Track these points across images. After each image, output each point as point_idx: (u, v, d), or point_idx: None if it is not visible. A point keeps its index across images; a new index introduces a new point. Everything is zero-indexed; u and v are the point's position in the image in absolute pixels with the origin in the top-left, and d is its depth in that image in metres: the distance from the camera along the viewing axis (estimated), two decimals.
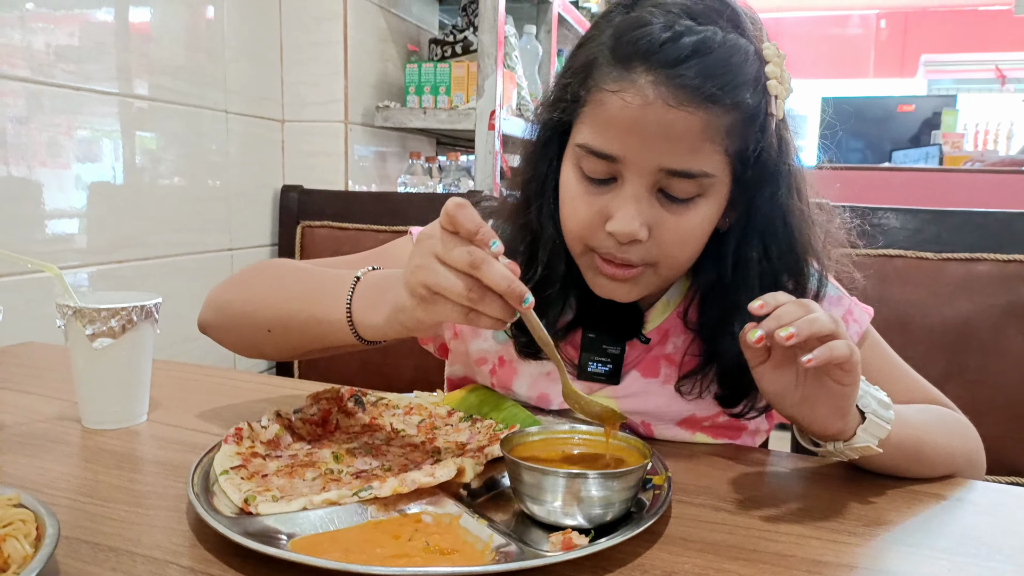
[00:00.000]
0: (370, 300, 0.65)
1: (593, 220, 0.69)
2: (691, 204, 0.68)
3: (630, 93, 0.64)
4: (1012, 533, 0.59)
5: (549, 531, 0.53)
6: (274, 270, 0.81)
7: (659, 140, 0.64)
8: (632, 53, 0.64)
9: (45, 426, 0.75)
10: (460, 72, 1.74)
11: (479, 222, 0.55)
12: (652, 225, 0.67)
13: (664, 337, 0.79)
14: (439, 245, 0.56)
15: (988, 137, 5.69)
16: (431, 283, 0.56)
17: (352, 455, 0.66)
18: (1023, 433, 1.24)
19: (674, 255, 0.70)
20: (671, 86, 0.63)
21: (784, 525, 0.58)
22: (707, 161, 0.66)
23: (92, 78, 1.20)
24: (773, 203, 0.70)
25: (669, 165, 0.65)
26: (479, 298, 0.55)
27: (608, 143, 0.66)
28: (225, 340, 0.83)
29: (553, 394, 0.80)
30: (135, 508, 0.57)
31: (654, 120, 0.64)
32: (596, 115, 0.67)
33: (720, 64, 0.64)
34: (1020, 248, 1.23)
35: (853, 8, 8.60)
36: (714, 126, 0.64)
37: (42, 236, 1.14)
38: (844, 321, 0.76)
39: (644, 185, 0.66)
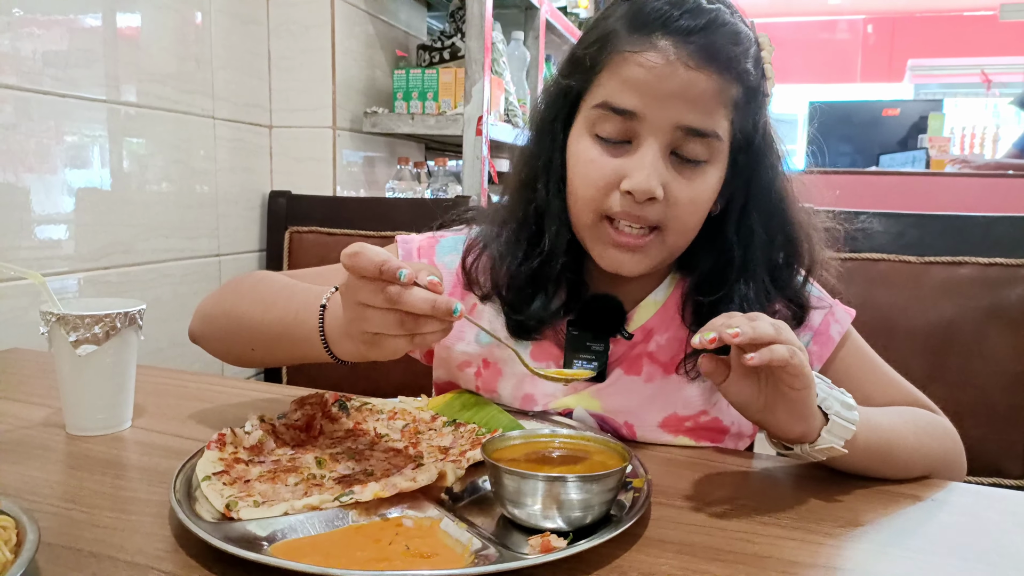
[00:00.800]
0: (340, 329, 0.65)
1: (609, 181, 0.71)
2: (701, 169, 0.71)
3: (651, 53, 0.68)
4: (985, 533, 0.60)
5: (529, 534, 0.54)
6: (258, 287, 0.80)
7: (678, 98, 0.68)
8: (651, 21, 0.69)
9: (30, 432, 0.75)
10: (448, 78, 1.74)
11: (377, 261, 0.55)
12: (666, 186, 0.70)
13: (648, 336, 0.80)
14: (357, 293, 0.58)
15: (974, 141, 5.74)
16: (368, 329, 0.58)
17: (335, 460, 0.66)
18: (1005, 434, 1.25)
19: (683, 219, 0.72)
20: (690, 49, 0.68)
21: (761, 527, 0.59)
22: (718, 124, 0.70)
23: (80, 85, 1.21)
24: (773, 178, 0.75)
25: (687, 122, 0.69)
26: (414, 324, 0.57)
27: (629, 99, 0.69)
28: (215, 352, 0.84)
29: (538, 395, 0.81)
30: (118, 514, 0.58)
31: (674, 78, 0.68)
32: (617, 74, 0.70)
33: (730, 37, 0.70)
34: (1001, 252, 1.25)
35: (840, 13, 8.67)
36: (725, 90, 0.70)
37: (29, 242, 1.14)
38: (825, 321, 0.80)
39: (660, 144, 0.70)
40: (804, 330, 0.79)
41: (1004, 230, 1.26)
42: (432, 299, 0.56)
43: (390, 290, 0.56)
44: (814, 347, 0.80)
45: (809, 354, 0.76)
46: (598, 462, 0.60)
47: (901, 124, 4.29)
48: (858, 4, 8.47)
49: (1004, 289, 1.25)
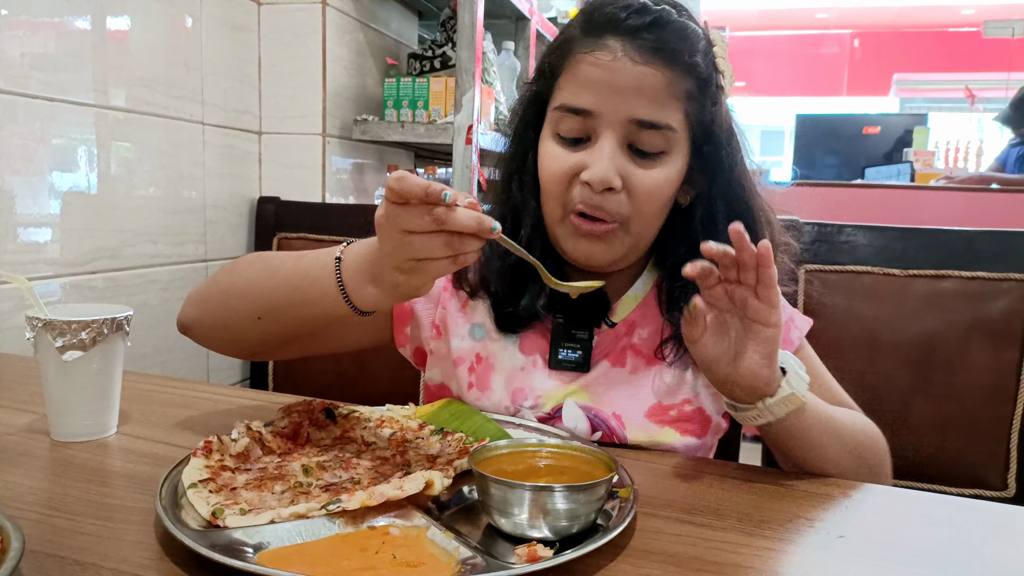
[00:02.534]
0: (361, 275, 0.67)
1: (569, 174, 0.75)
2: (658, 160, 0.75)
3: (601, 52, 0.73)
4: (965, 545, 0.61)
5: (516, 543, 0.54)
6: (255, 261, 0.82)
7: (628, 92, 0.73)
8: (601, 24, 0.74)
9: (14, 439, 0.74)
10: (438, 87, 1.75)
11: (423, 183, 0.57)
12: (624, 176, 0.74)
13: (631, 328, 0.84)
14: (401, 220, 0.59)
15: (959, 155, 5.81)
16: (413, 255, 0.60)
17: (322, 468, 0.66)
18: (987, 446, 1.27)
19: (644, 209, 0.76)
20: (636, 46, 0.73)
21: (746, 537, 0.60)
22: (671, 116, 0.74)
23: (68, 89, 1.20)
24: (733, 168, 0.79)
25: (638, 115, 0.73)
26: (460, 243, 0.59)
27: (584, 98, 0.74)
28: (209, 337, 0.84)
29: (528, 389, 0.83)
30: (103, 522, 0.57)
31: (623, 74, 0.72)
32: (572, 76, 0.76)
33: (676, 33, 0.74)
34: (983, 266, 1.27)
35: (828, 27, 8.78)
36: (676, 83, 0.74)
37: (15, 246, 1.13)
38: (786, 326, 0.85)
39: (616, 138, 0.74)
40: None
41: (986, 244, 1.28)
42: (478, 216, 0.59)
43: (437, 211, 0.57)
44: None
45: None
46: (584, 472, 0.61)
47: (886, 138, 4.35)
48: (845, 19, 8.58)
49: (986, 303, 1.26)
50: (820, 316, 1.32)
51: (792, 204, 0.85)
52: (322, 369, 1.50)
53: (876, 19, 8.45)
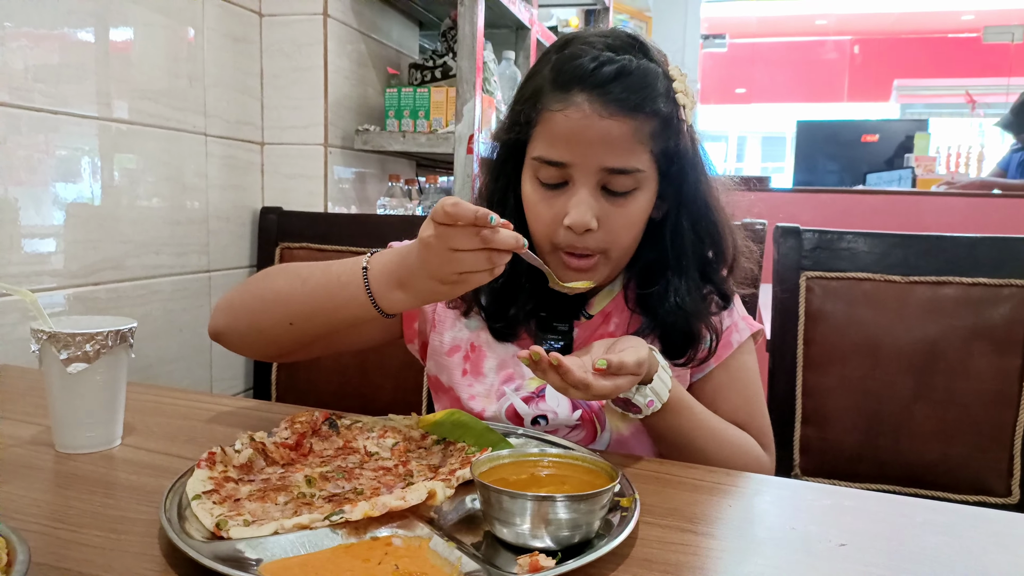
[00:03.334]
0: (391, 282, 0.76)
1: (554, 219, 0.83)
2: (630, 196, 0.83)
3: (571, 109, 0.80)
4: (967, 553, 0.61)
5: (518, 553, 0.54)
6: (286, 270, 0.89)
7: (598, 145, 0.80)
8: (570, 80, 0.80)
9: (18, 451, 0.75)
10: (439, 97, 1.76)
11: (473, 208, 0.66)
12: (601, 217, 0.82)
13: (607, 319, 0.92)
14: (450, 240, 0.68)
15: (960, 160, 5.81)
16: (459, 269, 0.70)
17: (325, 479, 0.66)
18: (989, 453, 1.26)
19: (621, 240, 0.84)
20: (603, 101, 0.79)
21: (749, 546, 0.60)
22: (639, 159, 0.81)
23: (71, 101, 1.21)
24: (697, 190, 0.86)
25: (609, 164, 0.80)
26: (497, 257, 0.70)
27: (559, 152, 0.81)
28: (241, 343, 0.91)
29: (517, 374, 0.90)
30: (107, 533, 0.58)
31: (593, 129, 0.79)
32: (546, 131, 0.82)
33: (638, 82, 0.80)
34: (984, 272, 1.27)
35: (828, 34, 8.80)
36: (641, 130, 0.80)
37: (19, 258, 1.14)
38: (728, 330, 0.93)
39: (590, 184, 0.81)
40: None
41: (987, 251, 1.28)
42: (516, 235, 0.69)
43: (485, 232, 0.67)
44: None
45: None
46: (586, 481, 0.61)
47: (888, 143, 4.35)
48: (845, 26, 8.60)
49: (988, 309, 1.27)
50: (821, 323, 1.32)
51: (794, 210, 0.87)
52: (325, 378, 1.50)
53: (876, 25, 8.47)
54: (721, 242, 0.89)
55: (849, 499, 0.70)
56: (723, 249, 0.90)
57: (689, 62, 5.49)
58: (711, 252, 0.89)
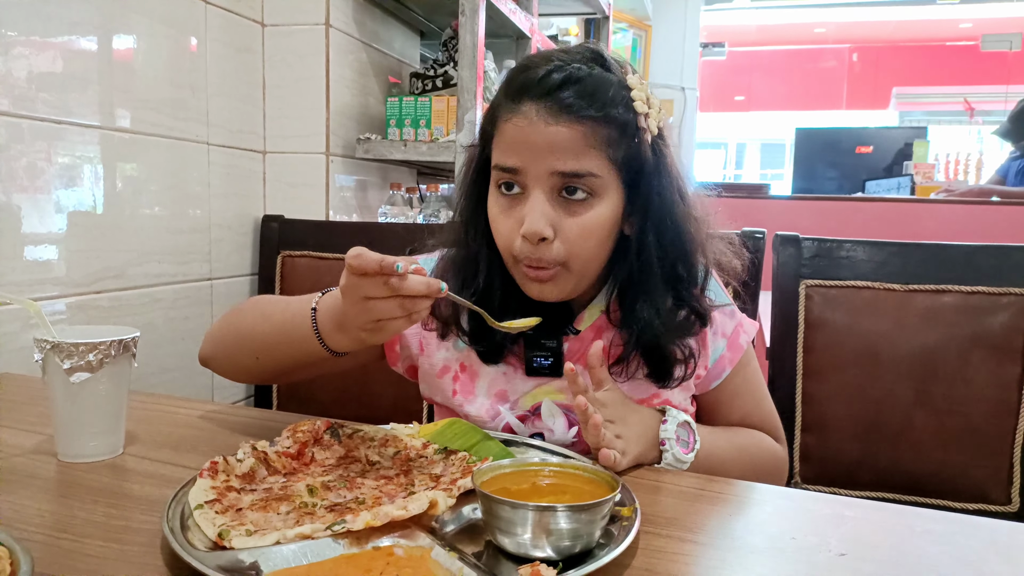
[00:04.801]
0: (333, 325, 0.79)
1: (512, 229, 0.82)
2: (586, 203, 0.81)
3: (519, 117, 0.81)
4: (967, 563, 0.61)
5: (519, 563, 0.55)
6: (257, 305, 0.93)
7: (546, 150, 0.79)
8: (519, 89, 0.82)
9: (21, 460, 0.75)
10: (440, 106, 1.77)
11: (377, 258, 0.67)
12: (556, 225, 0.80)
13: (598, 333, 0.90)
14: (361, 289, 0.70)
15: (959, 167, 5.83)
16: (373, 318, 0.71)
17: (327, 488, 0.67)
18: (990, 461, 1.27)
19: (579, 250, 0.82)
20: (549, 107, 0.79)
21: (748, 556, 0.60)
22: (591, 163, 0.80)
23: (73, 110, 1.22)
24: (661, 203, 0.84)
25: (559, 168, 0.79)
26: (412, 304, 0.70)
27: (511, 158, 0.82)
28: (223, 371, 0.95)
29: (510, 391, 0.90)
30: (110, 543, 0.58)
31: (540, 134, 0.79)
32: (500, 140, 0.83)
33: (586, 89, 0.80)
34: (984, 280, 1.27)
35: (826, 42, 8.83)
36: (591, 135, 0.79)
37: (21, 266, 1.15)
38: (735, 331, 0.93)
39: (544, 190, 0.81)
40: (719, 337, 0.92)
41: (986, 259, 1.28)
42: (426, 281, 0.70)
43: (392, 281, 0.68)
44: (727, 353, 0.92)
45: (722, 360, 0.92)
46: (587, 491, 0.61)
47: (885, 151, 4.36)
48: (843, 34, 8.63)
49: (987, 317, 1.27)
50: (820, 331, 1.33)
51: (793, 217, 0.87)
52: (326, 387, 1.50)
53: (874, 33, 8.50)
54: (690, 257, 0.86)
55: (849, 508, 0.71)
56: (692, 265, 0.87)
57: (688, 70, 5.51)
58: (682, 269, 0.86)
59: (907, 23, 8.24)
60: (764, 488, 0.75)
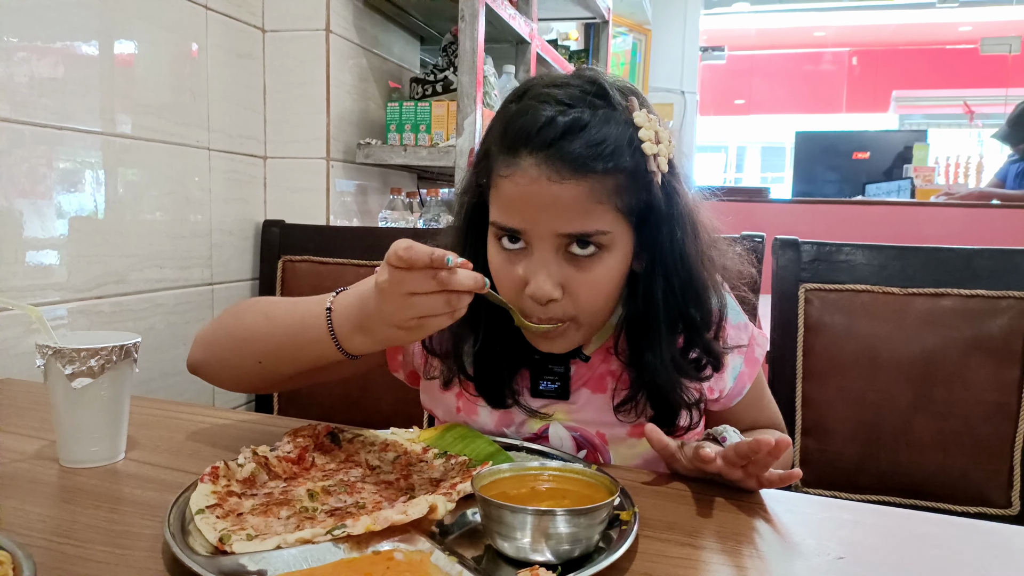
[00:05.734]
0: (352, 325, 0.73)
1: (516, 287, 0.77)
2: (595, 259, 0.76)
3: (518, 174, 0.73)
4: (966, 566, 0.61)
5: (518, 567, 0.55)
6: (256, 306, 0.87)
7: (550, 211, 0.73)
8: (516, 140, 0.74)
9: (23, 465, 0.75)
10: (440, 111, 1.77)
11: (429, 250, 0.63)
12: (564, 283, 0.76)
13: (608, 356, 0.86)
14: (406, 284, 0.65)
15: (958, 170, 5.83)
16: (417, 314, 0.67)
17: (327, 493, 0.67)
18: (989, 464, 1.27)
19: (589, 307, 0.78)
20: (552, 163, 0.72)
21: (747, 560, 0.60)
22: (600, 220, 0.74)
23: (74, 116, 1.22)
24: (672, 246, 0.78)
25: (564, 230, 0.74)
26: (456, 300, 0.66)
27: (510, 219, 0.76)
28: (216, 377, 0.89)
29: (515, 412, 0.87)
30: (112, 548, 0.58)
31: (542, 194, 0.72)
32: (497, 197, 0.77)
33: (592, 139, 0.72)
34: (982, 284, 1.28)
35: (826, 45, 8.84)
36: (598, 189, 0.73)
37: (22, 271, 1.15)
38: (751, 346, 0.92)
39: (549, 249, 0.75)
40: (735, 354, 0.89)
41: (986, 262, 1.29)
42: (474, 275, 0.66)
43: (441, 275, 0.64)
44: (746, 369, 0.91)
45: (742, 376, 0.90)
46: (586, 495, 0.61)
47: (885, 155, 4.36)
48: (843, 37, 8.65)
49: (986, 320, 1.27)
50: (820, 335, 1.33)
51: (792, 221, 0.86)
52: (326, 392, 1.51)
53: (874, 37, 8.52)
54: (702, 298, 0.81)
55: (848, 512, 0.71)
56: (705, 306, 0.81)
57: (688, 74, 5.52)
58: (694, 312, 0.81)
59: (907, 26, 8.25)
60: (763, 492, 0.75)
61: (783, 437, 0.68)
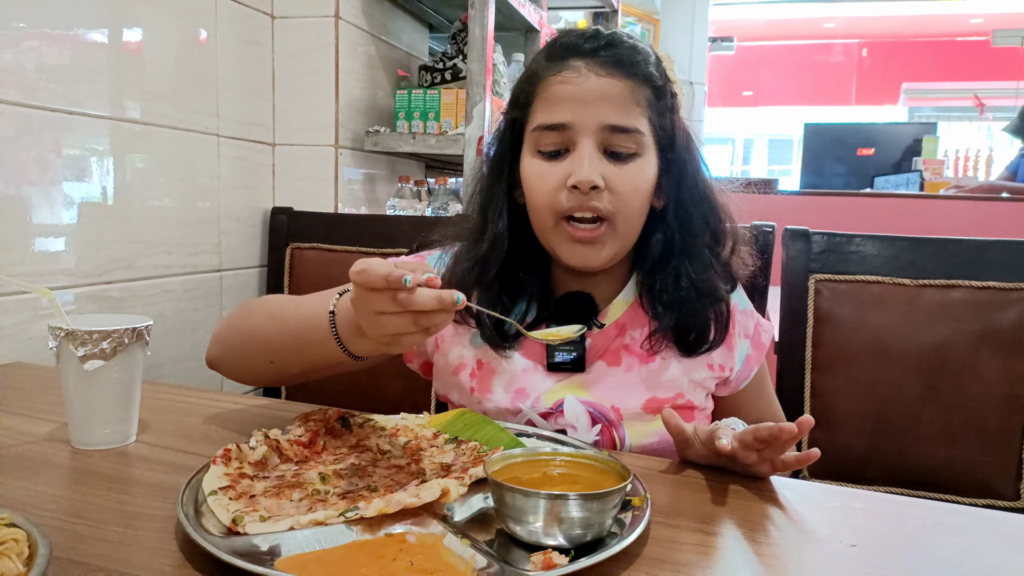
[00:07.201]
0: (354, 329, 0.73)
1: (558, 184, 0.83)
2: (632, 160, 0.83)
3: (567, 72, 0.83)
4: (978, 555, 0.61)
5: (530, 551, 0.55)
6: (264, 306, 0.88)
7: (597, 102, 0.81)
8: (563, 50, 0.84)
9: (35, 447, 0.75)
10: (449, 99, 1.77)
11: (383, 272, 0.63)
12: (605, 177, 0.82)
13: (623, 330, 0.90)
14: (370, 303, 0.65)
15: (968, 163, 5.79)
16: (387, 333, 0.66)
17: (339, 476, 0.67)
18: (998, 456, 1.26)
19: (627, 204, 0.83)
20: (597, 62, 0.82)
21: (759, 546, 0.60)
22: (637, 120, 0.83)
23: (83, 102, 1.22)
24: (690, 171, 0.87)
25: (610, 121, 0.82)
26: (426, 319, 0.66)
27: (559, 114, 0.82)
28: (232, 374, 0.91)
29: (529, 388, 0.88)
30: (124, 528, 0.58)
31: (590, 85, 0.81)
32: (546, 98, 0.84)
33: (629, 50, 0.84)
34: (993, 275, 1.27)
35: (835, 37, 8.77)
36: (636, 92, 0.83)
37: (31, 256, 1.15)
38: (757, 331, 0.96)
39: (593, 144, 0.82)
40: (742, 338, 0.93)
41: (996, 254, 1.28)
42: (437, 295, 0.64)
43: (400, 297, 0.63)
44: (753, 352, 0.94)
45: (749, 359, 0.94)
46: (598, 481, 0.61)
47: (894, 147, 4.34)
48: (853, 28, 8.58)
49: (996, 312, 1.27)
50: (829, 326, 1.32)
51: (801, 213, 0.88)
52: (335, 379, 1.50)
53: (884, 28, 8.45)
54: (719, 223, 0.90)
55: (859, 500, 0.71)
56: (722, 230, 0.90)
57: (696, 65, 5.49)
58: (712, 237, 0.90)
59: (917, 18, 8.19)
60: (774, 479, 0.75)
61: (805, 417, 0.69)
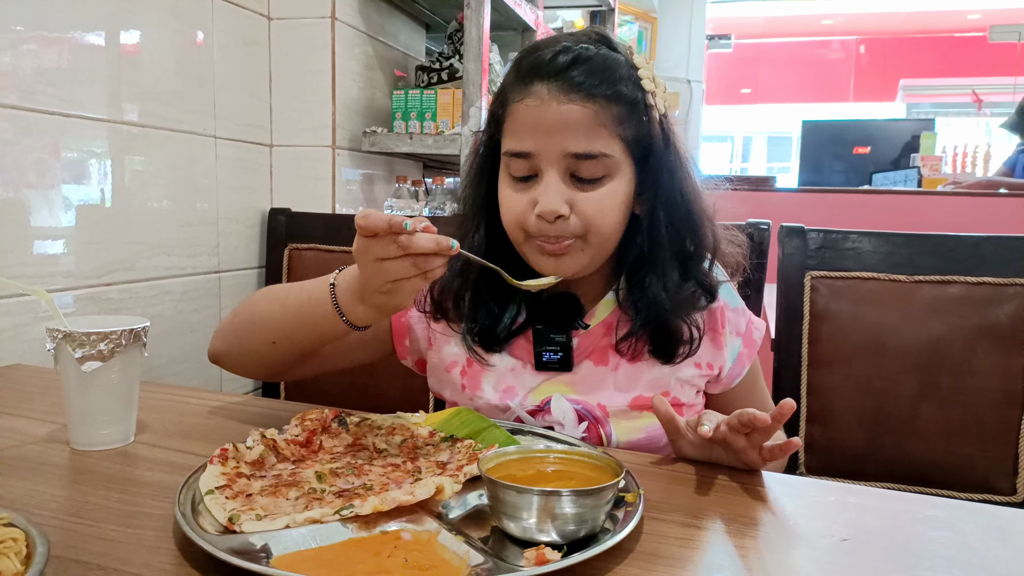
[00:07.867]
0: (352, 297, 0.78)
1: (525, 209, 0.83)
2: (600, 183, 0.82)
3: (530, 98, 0.81)
4: (968, 548, 0.62)
5: (524, 547, 0.55)
6: (269, 293, 0.93)
7: (559, 129, 0.80)
8: (529, 71, 0.82)
9: (34, 448, 0.76)
10: (446, 99, 1.77)
11: (385, 217, 0.68)
12: (571, 202, 0.81)
13: (609, 329, 0.90)
14: (372, 250, 0.70)
15: (966, 160, 5.79)
16: (387, 278, 0.71)
17: (335, 475, 0.68)
18: (995, 452, 1.27)
19: (596, 223, 0.82)
20: (560, 87, 0.80)
21: (751, 541, 0.61)
22: (604, 143, 0.81)
23: (81, 104, 1.23)
24: (672, 181, 0.85)
25: (572, 149, 0.80)
26: (424, 262, 0.70)
27: (523, 142, 0.82)
28: (235, 364, 0.93)
29: (517, 386, 0.90)
30: (123, 528, 0.59)
31: (551, 115, 0.80)
32: (511, 123, 0.83)
33: (596, 68, 0.81)
34: (989, 271, 1.27)
35: (833, 34, 8.77)
36: (603, 115, 0.80)
37: (30, 258, 1.16)
38: (748, 329, 0.95)
39: (558, 172, 0.81)
40: (734, 336, 0.93)
41: (993, 249, 1.28)
42: (435, 238, 0.69)
43: (401, 239, 0.68)
44: (744, 349, 0.94)
45: (741, 357, 0.94)
46: (591, 477, 0.62)
47: (894, 143, 4.34)
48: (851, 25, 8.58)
49: (993, 308, 1.27)
50: (826, 322, 1.33)
51: (799, 210, 0.88)
52: (333, 379, 1.51)
53: (882, 25, 8.46)
54: (699, 232, 0.88)
55: (852, 495, 0.71)
56: (701, 240, 0.88)
57: (694, 63, 5.49)
58: (691, 245, 0.88)
59: (915, 14, 8.19)
60: (767, 475, 0.76)
61: (786, 400, 0.70)
